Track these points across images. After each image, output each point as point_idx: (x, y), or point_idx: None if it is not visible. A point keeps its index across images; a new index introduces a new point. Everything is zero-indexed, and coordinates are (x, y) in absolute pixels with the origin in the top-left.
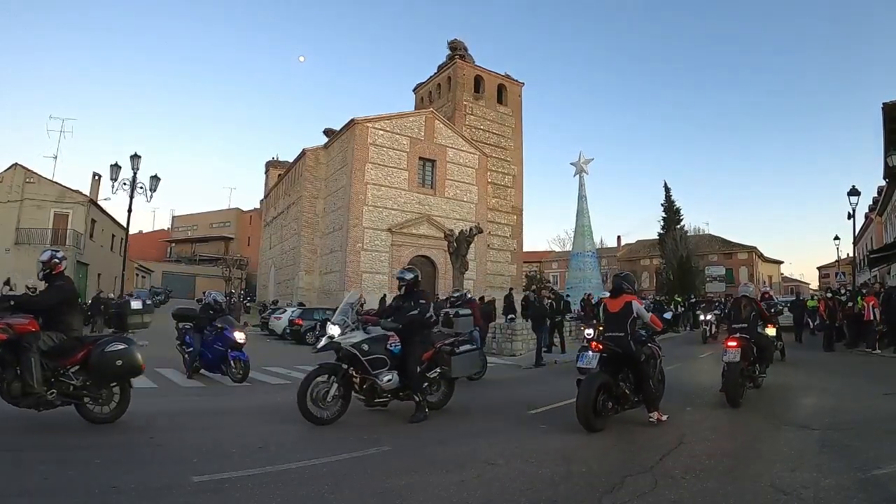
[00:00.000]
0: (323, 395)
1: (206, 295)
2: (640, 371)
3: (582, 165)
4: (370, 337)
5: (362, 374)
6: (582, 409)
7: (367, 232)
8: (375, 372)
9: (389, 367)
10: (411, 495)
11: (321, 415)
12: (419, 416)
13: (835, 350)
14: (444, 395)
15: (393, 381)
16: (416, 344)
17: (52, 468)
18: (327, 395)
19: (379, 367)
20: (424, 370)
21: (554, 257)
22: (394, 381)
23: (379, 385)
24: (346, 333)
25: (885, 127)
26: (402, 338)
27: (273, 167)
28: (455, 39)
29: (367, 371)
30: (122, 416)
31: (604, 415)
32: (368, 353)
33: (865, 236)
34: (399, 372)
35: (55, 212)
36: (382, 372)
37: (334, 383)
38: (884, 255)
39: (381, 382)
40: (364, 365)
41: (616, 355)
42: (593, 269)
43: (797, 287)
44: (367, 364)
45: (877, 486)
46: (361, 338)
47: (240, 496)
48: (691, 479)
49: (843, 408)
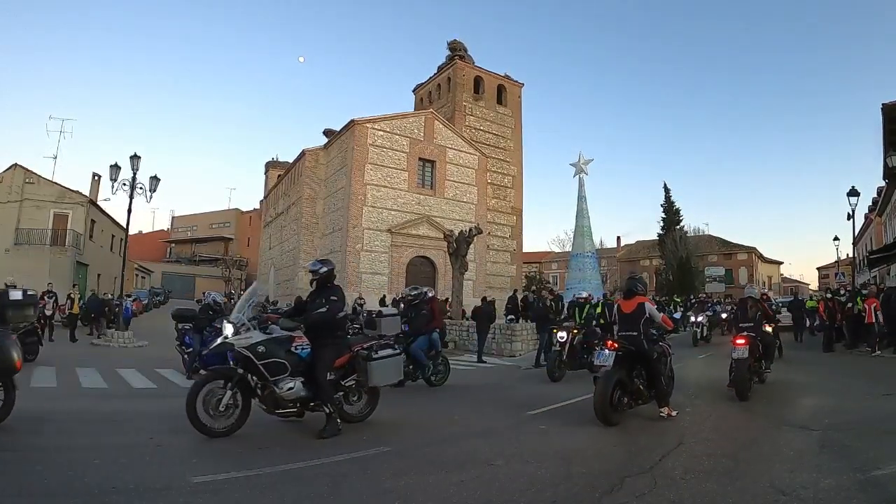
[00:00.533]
0: (216, 404)
1: (205, 295)
2: (652, 368)
3: (581, 166)
4: (269, 338)
5: (263, 380)
6: (599, 404)
7: (367, 233)
8: (274, 378)
9: (292, 373)
10: (411, 496)
11: (214, 425)
12: (329, 431)
13: (834, 351)
14: (367, 406)
15: (295, 389)
16: (327, 347)
17: (51, 468)
18: (220, 403)
19: (278, 373)
20: (339, 378)
21: (553, 258)
22: (296, 390)
23: (277, 393)
24: (240, 333)
25: (885, 127)
26: (311, 340)
27: (273, 168)
28: (455, 40)
29: (264, 377)
30: (6, 419)
31: (619, 409)
32: (265, 356)
33: (865, 237)
34: (307, 379)
35: (55, 212)
36: (283, 378)
37: (228, 390)
38: (883, 255)
39: (281, 391)
40: (260, 370)
41: (630, 353)
42: (593, 270)
43: (796, 288)
44: (262, 369)
45: (876, 486)
46: (258, 338)
47: (239, 497)
48: (691, 480)
49: (843, 408)
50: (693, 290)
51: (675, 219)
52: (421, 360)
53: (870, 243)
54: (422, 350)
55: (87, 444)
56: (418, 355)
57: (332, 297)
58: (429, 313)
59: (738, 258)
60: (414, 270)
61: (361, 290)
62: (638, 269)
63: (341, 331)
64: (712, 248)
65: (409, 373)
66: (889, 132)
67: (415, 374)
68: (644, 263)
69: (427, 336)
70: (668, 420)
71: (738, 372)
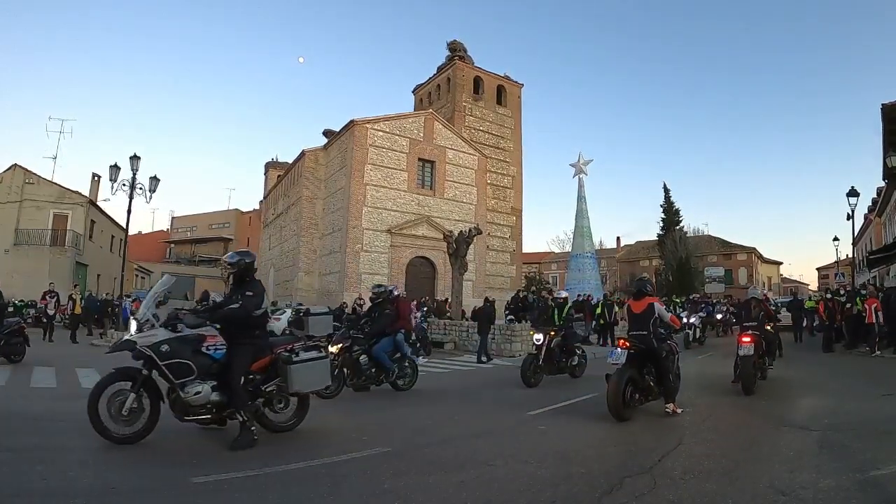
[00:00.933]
0: (119, 406)
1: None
2: (661, 366)
3: (581, 166)
4: (174, 336)
5: (168, 383)
6: (612, 400)
7: (367, 233)
8: (178, 381)
9: (202, 376)
10: (411, 496)
11: (117, 430)
12: (241, 442)
13: (834, 351)
14: (296, 414)
15: (203, 393)
16: (243, 348)
17: (51, 469)
18: (123, 406)
19: (183, 375)
20: (260, 382)
21: (553, 258)
22: (203, 394)
23: (183, 398)
24: (144, 330)
25: (885, 128)
26: (227, 340)
27: (272, 168)
28: (454, 40)
29: (169, 379)
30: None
31: (631, 405)
32: (168, 356)
33: (864, 237)
34: (221, 383)
35: (54, 212)
36: (189, 382)
37: (133, 392)
38: (883, 255)
39: (187, 395)
40: (164, 371)
41: (641, 352)
42: (592, 271)
43: (796, 288)
44: (165, 370)
45: (876, 486)
46: (162, 337)
47: (239, 497)
48: (690, 480)
49: (843, 409)
50: (693, 290)
51: (675, 219)
52: (384, 363)
53: (869, 244)
54: (385, 352)
55: (86, 445)
56: (381, 358)
57: (247, 292)
58: (393, 313)
59: (737, 258)
60: (413, 271)
61: (361, 291)
62: (637, 269)
63: (260, 330)
64: (712, 249)
65: (373, 376)
66: (888, 132)
67: (378, 377)
68: (644, 264)
69: (391, 337)
70: (668, 420)
71: (745, 368)
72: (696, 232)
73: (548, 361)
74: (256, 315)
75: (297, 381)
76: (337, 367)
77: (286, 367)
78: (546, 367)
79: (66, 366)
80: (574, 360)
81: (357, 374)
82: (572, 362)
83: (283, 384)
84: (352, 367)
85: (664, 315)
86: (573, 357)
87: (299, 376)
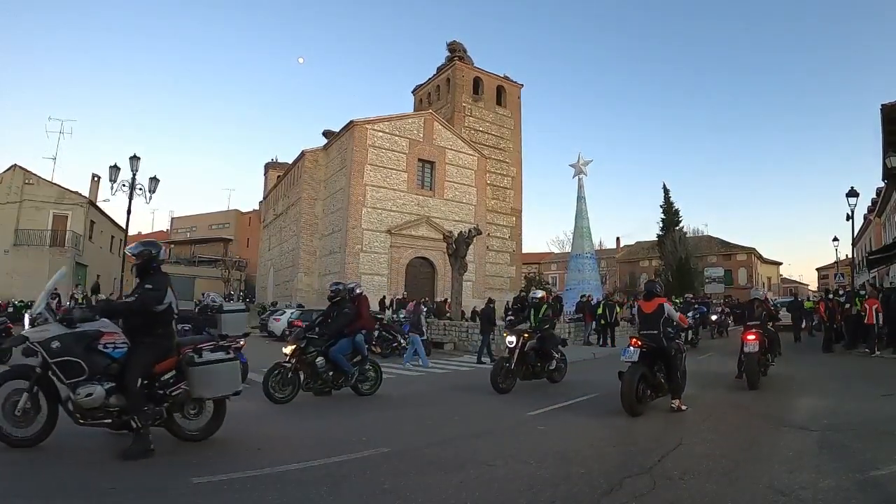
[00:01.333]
0: (11, 407)
1: (204, 296)
2: (670, 363)
3: (581, 167)
4: (67, 332)
5: (62, 382)
6: (626, 396)
7: (366, 233)
8: (69, 381)
9: (96, 376)
10: (410, 496)
11: (14, 432)
12: (134, 451)
13: (833, 351)
14: (212, 422)
15: (95, 395)
16: (142, 347)
17: (50, 469)
18: (16, 406)
19: (74, 375)
20: (166, 385)
21: (553, 259)
22: (95, 397)
23: (74, 400)
24: (37, 325)
25: (884, 128)
26: (130, 338)
27: (272, 169)
28: (454, 41)
29: (60, 378)
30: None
31: (643, 401)
32: (59, 353)
33: (864, 237)
34: (121, 384)
35: (54, 213)
36: (80, 382)
37: (26, 392)
38: (882, 256)
39: (77, 397)
40: (54, 370)
41: (651, 350)
42: (592, 271)
43: (796, 289)
44: (56, 368)
45: (875, 487)
46: (55, 332)
47: (238, 497)
48: (690, 481)
49: (842, 409)
50: (693, 291)
51: (675, 219)
52: (342, 366)
53: (869, 244)
54: (344, 354)
55: (86, 445)
56: (339, 360)
57: (146, 285)
58: (353, 312)
59: (737, 259)
60: (413, 271)
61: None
62: (637, 269)
63: (164, 328)
64: (712, 249)
65: (330, 380)
66: (888, 133)
67: (337, 381)
68: (643, 264)
69: (350, 339)
70: (668, 420)
71: (749, 364)
72: (695, 232)
73: (521, 365)
74: (158, 311)
75: (200, 384)
76: (291, 370)
77: (188, 369)
78: (519, 372)
79: None
80: (552, 364)
81: (313, 378)
82: (549, 367)
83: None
84: (308, 370)
85: (673, 315)
86: (550, 361)
87: (202, 379)
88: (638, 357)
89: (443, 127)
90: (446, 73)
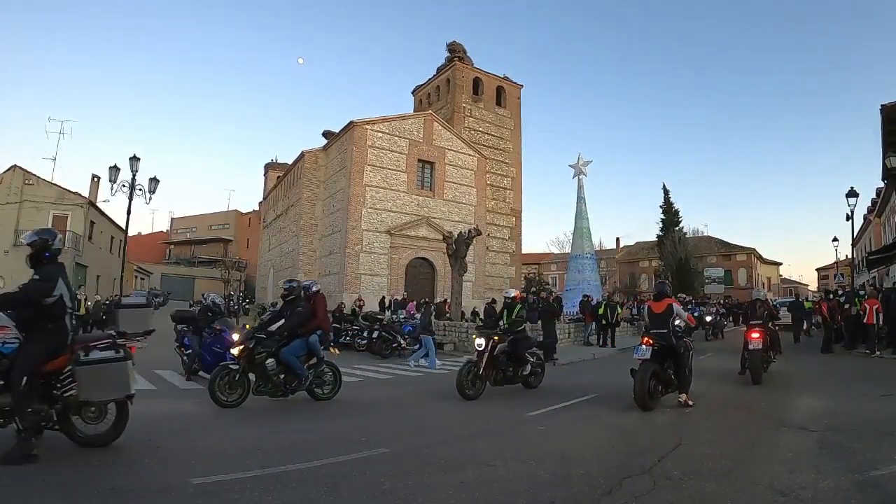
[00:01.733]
0: None
1: (204, 297)
2: (680, 360)
3: (580, 167)
4: None
5: None
6: (639, 392)
7: (366, 234)
8: None
9: None
10: (410, 497)
11: None
12: (13, 455)
13: (833, 352)
14: (114, 427)
15: None
16: (30, 343)
17: (50, 469)
18: None
19: None
20: (59, 384)
21: (553, 259)
22: None
23: None
24: None
25: (884, 128)
26: (24, 333)
27: (272, 169)
28: (454, 41)
29: None
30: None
31: (655, 397)
32: None
33: (864, 238)
34: (8, 382)
35: (54, 213)
36: None
37: None
38: (882, 256)
39: None
40: None
41: (662, 348)
42: (592, 271)
43: (796, 289)
44: None
45: (875, 487)
46: None
47: (238, 498)
48: (689, 481)
49: (842, 409)
50: (693, 291)
51: (675, 220)
52: (295, 368)
53: (868, 244)
54: (297, 356)
55: None
56: (291, 362)
57: (35, 276)
58: (306, 311)
59: (737, 259)
60: (413, 272)
61: (361, 292)
62: (637, 270)
63: (55, 323)
64: (711, 250)
65: (282, 383)
66: (888, 133)
67: (290, 384)
68: (643, 265)
69: (303, 339)
70: (667, 420)
71: (753, 360)
72: (695, 233)
73: (491, 370)
74: (48, 304)
75: (86, 385)
76: (239, 372)
77: (74, 368)
78: (489, 376)
79: None
80: (526, 368)
81: (264, 381)
82: (523, 371)
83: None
84: (257, 372)
85: (682, 314)
86: (524, 365)
87: (87, 381)
88: (650, 355)
89: (442, 127)
90: (446, 73)
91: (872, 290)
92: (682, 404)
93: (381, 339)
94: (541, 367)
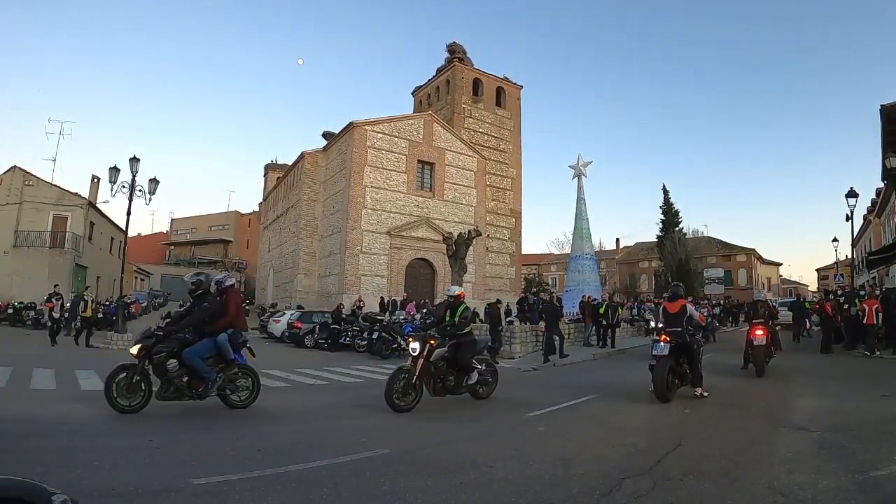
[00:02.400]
0: None
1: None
2: (693, 356)
3: (580, 168)
4: None
5: None
6: (659, 386)
7: (366, 235)
8: None
9: None
10: (410, 498)
11: None
12: None
13: (833, 352)
14: None
15: None
16: None
17: (50, 469)
18: None
19: None
20: None
21: (553, 260)
22: None
23: None
24: None
25: (884, 129)
26: None
27: (272, 170)
28: (454, 42)
29: None
30: None
31: (672, 389)
32: None
33: (864, 238)
34: None
35: (54, 214)
36: None
37: None
38: (882, 256)
39: None
40: None
41: (678, 345)
42: (592, 272)
43: (796, 289)
44: None
45: (875, 487)
46: None
47: (239, 499)
48: (689, 481)
49: (841, 409)
50: (693, 292)
51: (674, 220)
52: (199, 371)
53: (868, 244)
54: (204, 357)
55: (86, 446)
56: (195, 363)
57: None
58: (214, 307)
59: (737, 259)
60: (413, 273)
61: (361, 293)
62: (637, 270)
63: None
64: (711, 250)
65: (185, 387)
66: (888, 133)
67: (196, 389)
68: (643, 265)
69: (211, 339)
70: (667, 421)
71: (757, 355)
72: (695, 233)
73: (427, 377)
74: None
75: None
76: (137, 374)
77: None
78: (428, 385)
79: (65, 368)
80: (472, 377)
81: (165, 384)
82: (469, 381)
83: None
84: (158, 374)
85: (694, 314)
86: (470, 373)
87: None
88: (668, 351)
89: (442, 128)
90: (446, 74)
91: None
92: (699, 396)
93: (381, 339)
94: (492, 374)
